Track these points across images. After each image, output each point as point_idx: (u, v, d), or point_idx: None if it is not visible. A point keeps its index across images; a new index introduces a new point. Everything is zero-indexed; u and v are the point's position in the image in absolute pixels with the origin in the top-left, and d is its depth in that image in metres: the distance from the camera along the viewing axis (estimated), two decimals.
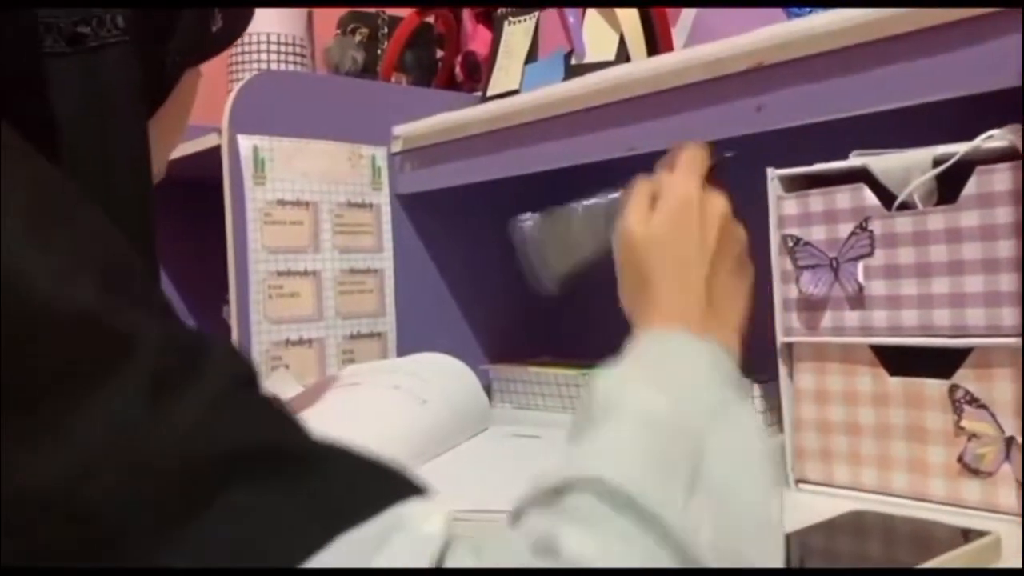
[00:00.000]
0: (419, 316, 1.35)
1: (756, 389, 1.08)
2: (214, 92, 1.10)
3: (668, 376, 0.47)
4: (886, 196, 0.76)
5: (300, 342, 1.20)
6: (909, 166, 0.74)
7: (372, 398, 1.01)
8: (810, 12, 0.96)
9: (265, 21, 1.45)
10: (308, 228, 1.22)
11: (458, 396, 1.08)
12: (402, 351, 1.31)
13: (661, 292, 0.58)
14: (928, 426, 0.74)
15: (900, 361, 0.76)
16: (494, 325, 1.46)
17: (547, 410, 1.30)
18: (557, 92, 1.06)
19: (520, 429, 1.13)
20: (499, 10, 1.40)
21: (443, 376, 1.08)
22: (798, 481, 0.83)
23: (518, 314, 1.50)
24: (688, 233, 0.60)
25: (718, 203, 0.62)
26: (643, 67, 0.96)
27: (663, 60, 0.94)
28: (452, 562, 0.32)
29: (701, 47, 0.90)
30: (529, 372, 1.32)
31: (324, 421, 0.51)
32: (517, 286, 1.56)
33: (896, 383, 0.76)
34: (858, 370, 0.78)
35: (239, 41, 1.19)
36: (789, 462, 0.84)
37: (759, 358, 0.93)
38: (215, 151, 1.19)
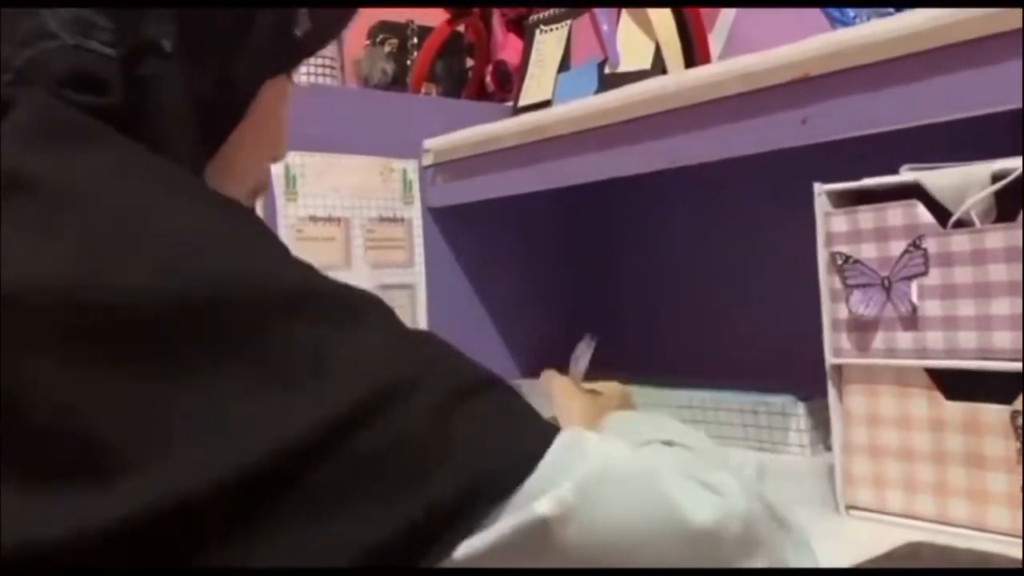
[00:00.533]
0: (452, 331, 1.31)
1: (800, 407, 1.05)
2: None
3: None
4: (941, 213, 0.73)
5: None
6: (966, 182, 0.71)
7: None
8: (855, 18, 0.93)
9: None
10: (340, 244, 1.20)
11: None
12: None
13: None
14: (987, 453, 0.71)
15: (957, 385, 0.73)
16: (529, 340, 1.44)
17: None
18: (592, 104, 1.04)
19: None
20: (531, 17, 1.38)
21: None
22: (848, 507, 0.80)
23: (553, 328, 1.48)
24: None
25: None
26: (682, 79, 0.93)
27: (703, 72, 0.91)
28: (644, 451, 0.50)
29: (744, 58, 0.87)
30: None
31: None
32: (552, 299, 1.54)
33: (953, 408, 0.73)
34: (912, 393, 0.75)
35: None
36: (839, 487, 0.81)
37: (804, 377, 0.90)
38: None
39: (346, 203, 1.21)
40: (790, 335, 1.06)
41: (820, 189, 0.80)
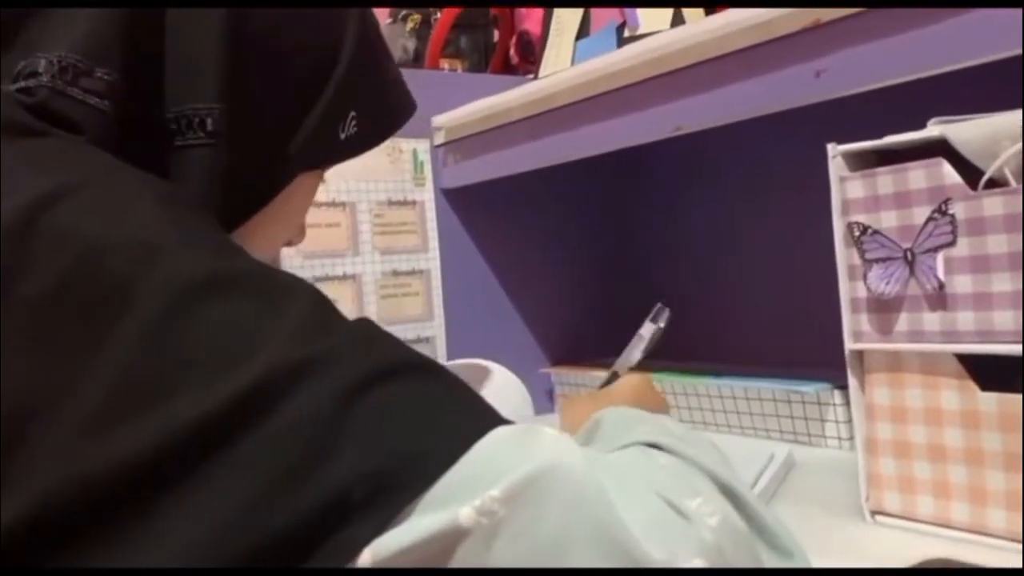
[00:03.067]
0: (471, 318, 1.26)
1: (837, 396, 0.95)
2: None
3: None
4: (971, 172, 0.62)
5: None
6: (997, 134, 0.60)
7: None
8: None
9: None
10: (346, 230, 1.15)
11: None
12: (453, 356, 1.22)
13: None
14: None
15: (993, 373, 0.63)
16: (554, 325, 1.36)
17: None
18: (596, 66, 0.95)
19: None
20: None
21: (480, 389, 0.99)
22: (874, 512, 0.71)
23: (580, 312, 1.40)
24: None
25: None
26: (685, 32, 0.84)
27: (707, 23, 0.81)
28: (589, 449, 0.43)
29: (752, 9, 0.78)
30: (594, 375, 1.22)
31: None
32: (577, 282, 1.46)
33: (989, 400, 0.62)
34: (941, 383, 0.65)
35: None
36: (863, 490, 0.71)
37: (843, 363, 0.80)
38: None
39: (351, 186, 1.15)
40: (826, 317, 0.96)
41: (835, 150, 0.70)
